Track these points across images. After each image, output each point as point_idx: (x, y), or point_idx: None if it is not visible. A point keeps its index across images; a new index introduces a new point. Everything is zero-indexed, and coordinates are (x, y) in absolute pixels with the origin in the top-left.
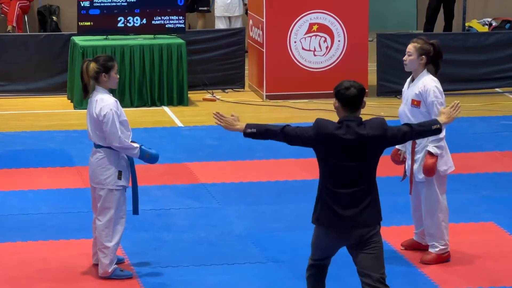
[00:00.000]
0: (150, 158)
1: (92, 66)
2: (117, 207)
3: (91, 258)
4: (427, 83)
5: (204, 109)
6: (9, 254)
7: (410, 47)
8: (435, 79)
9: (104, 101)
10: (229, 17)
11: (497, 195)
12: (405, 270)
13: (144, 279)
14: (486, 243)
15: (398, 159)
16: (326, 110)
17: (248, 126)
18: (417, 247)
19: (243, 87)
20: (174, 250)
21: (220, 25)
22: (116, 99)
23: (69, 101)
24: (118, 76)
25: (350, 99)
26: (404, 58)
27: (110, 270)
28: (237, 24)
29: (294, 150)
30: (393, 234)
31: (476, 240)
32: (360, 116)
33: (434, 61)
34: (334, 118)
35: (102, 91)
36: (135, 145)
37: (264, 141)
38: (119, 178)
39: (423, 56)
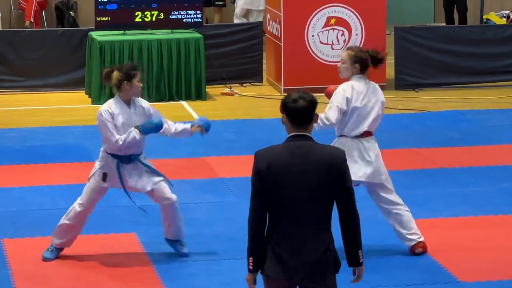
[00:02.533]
0: (152, 126)
1: (115, 74)
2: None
3: (109, 253)
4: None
5: (222, 103)
6: (28, 250)
7: (344, 55)
8: (355, 84)
9: (100, 108)
10: (251, 11)
11: None
12: (424, 262)
13: (163, 273)
14: (505, 236)
15: None
16: None
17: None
18: None
19: (261, 81)
20: (193, 244)
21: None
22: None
23: (87, 96)
24: (141, 85)
25: (298, 112)
26: (338, 65)
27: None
28: (259, 18)
29: None
30: None
31: (495, 233)
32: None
33: (375, 67)
34: None
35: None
36: (131, 131)
37: (282, 134)
38: (104, 180)
39: (357, 64)
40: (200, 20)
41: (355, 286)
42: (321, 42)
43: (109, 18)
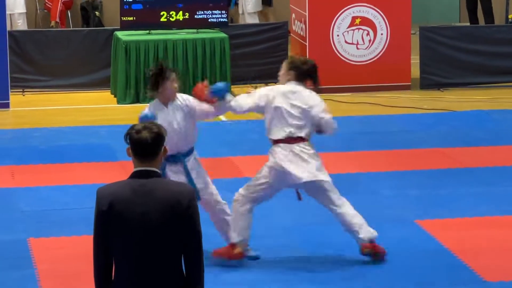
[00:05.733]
0: (216, 89)
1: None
2: None
3: None
4: None
5: None
6: (53, 249)
7: (283, 63)
8: (283, 86)
9: None
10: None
11: None
12: (449, 263)
13: None
14: None
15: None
16: (369, 103)
17: None
18: None
19: None
20: (219, 243)
21: (252, 21)
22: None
23: (112, 96)
24: (175, 86)
25: (141, 144)
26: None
27: None
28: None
29: (337, 144)
30: (436, 227)
31: None
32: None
33: (310, 76)
34: (378, 111)
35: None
36: None
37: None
38: None
39: (291, 71)
40: (225, 20)
41: None
42: (346, 42)
43: (134, 17)
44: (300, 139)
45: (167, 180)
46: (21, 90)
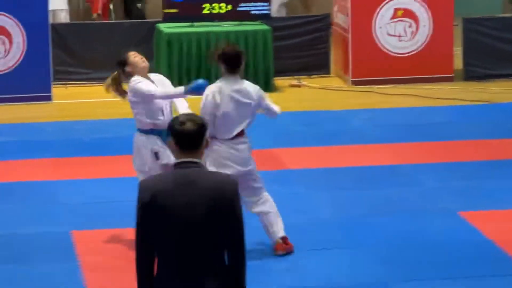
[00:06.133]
0: (196, 86)
1: None
2: None
3: None
4: None
5: (291, 95)
6: (96, 242)
7: None
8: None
9: None
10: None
11: None
12: (493, 254)
13: None
14: None
15: None
16: (411, 95)
17: None
18: None
19: (329, 73)
20: (261, 235)
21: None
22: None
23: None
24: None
25: (184, 136)
26: None
27: None
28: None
29: (380, 135)
30: (480, 219)
31: None
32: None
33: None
34: (420, 103)
35: None
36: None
37: (350, 125)
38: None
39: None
40: (268, 12)
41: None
42: (388, 34)
43: (176, 10)
44: None
45: (210, 171)
46: (64, 83)
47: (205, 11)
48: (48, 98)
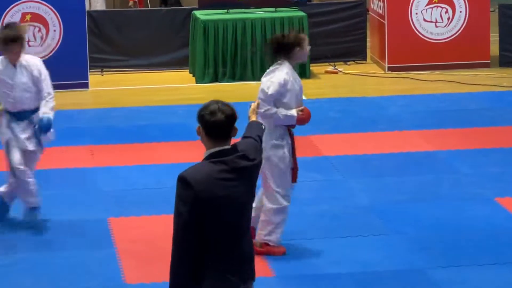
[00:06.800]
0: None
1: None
2: None
3: None
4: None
5: (327, 81)
6: (133, 228)
7: None
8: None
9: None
10: None
11: None
12: None
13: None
14: None
15: None
16: (448, 81)
17: None
18: None
19: (365, 59)
20: (298, 222)
21: None
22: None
23: (191, 75)
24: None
25: (216, 126)
26: None
27: None
28: None
29: (416, 122)
30: None
31: None
32: None
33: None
34: (455, 89)
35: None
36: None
37: (386, 112)
38: None
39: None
40: None
41: None
42: (424, 20)
43: None
44: None
45: (240, 153)
46: (100, 70)
47: None
48: (85, 86)
